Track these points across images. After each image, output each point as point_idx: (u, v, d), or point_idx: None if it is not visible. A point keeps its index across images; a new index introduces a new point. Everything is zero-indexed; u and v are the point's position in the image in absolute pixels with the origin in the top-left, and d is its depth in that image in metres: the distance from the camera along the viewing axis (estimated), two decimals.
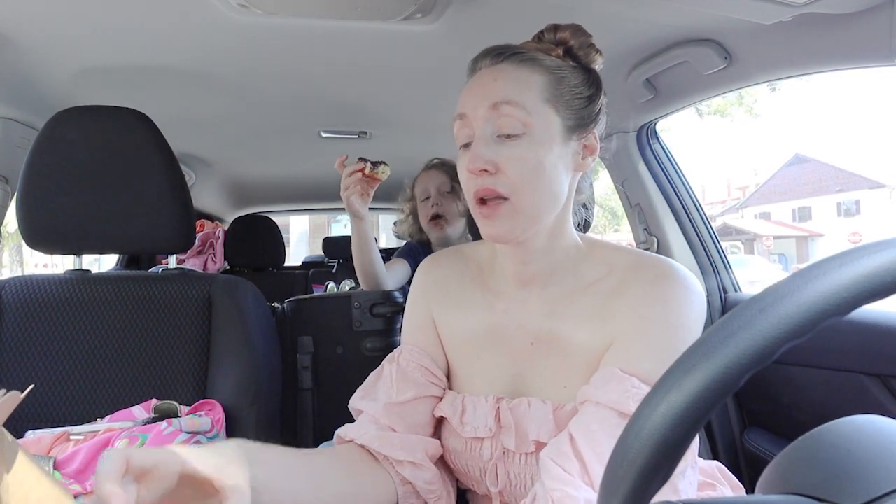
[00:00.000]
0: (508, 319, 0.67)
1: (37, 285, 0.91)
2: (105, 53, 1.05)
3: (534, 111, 0.59)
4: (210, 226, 2.47)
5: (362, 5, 0.87)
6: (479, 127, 0.60)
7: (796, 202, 23.05)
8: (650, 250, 1.40)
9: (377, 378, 0.72)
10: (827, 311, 0.24)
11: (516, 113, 0.58)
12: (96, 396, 0.87)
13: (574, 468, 0.51)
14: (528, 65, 0.61)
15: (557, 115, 0.60)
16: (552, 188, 0.60)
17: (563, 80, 0.61)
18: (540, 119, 0.59)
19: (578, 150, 0.63)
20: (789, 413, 1.14)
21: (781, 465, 0.33)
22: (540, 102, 0.59)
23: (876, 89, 49.88)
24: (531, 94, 0.59)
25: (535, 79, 0.60)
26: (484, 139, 0.60)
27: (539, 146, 0.59)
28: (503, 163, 0.58)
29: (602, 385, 0.55)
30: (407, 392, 0.68)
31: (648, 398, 0.27)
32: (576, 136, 0.62)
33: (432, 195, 1.46)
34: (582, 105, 0.62)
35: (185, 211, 0.91)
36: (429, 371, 0.70)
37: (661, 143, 1.40)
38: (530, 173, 0.58)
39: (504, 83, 0.60)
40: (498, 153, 0.58)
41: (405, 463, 0.64)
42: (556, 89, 0.60)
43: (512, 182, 0.58)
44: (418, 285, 0.77)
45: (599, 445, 0.51)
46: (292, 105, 1.41)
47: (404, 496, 0.64)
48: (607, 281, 0.63)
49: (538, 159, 0.58)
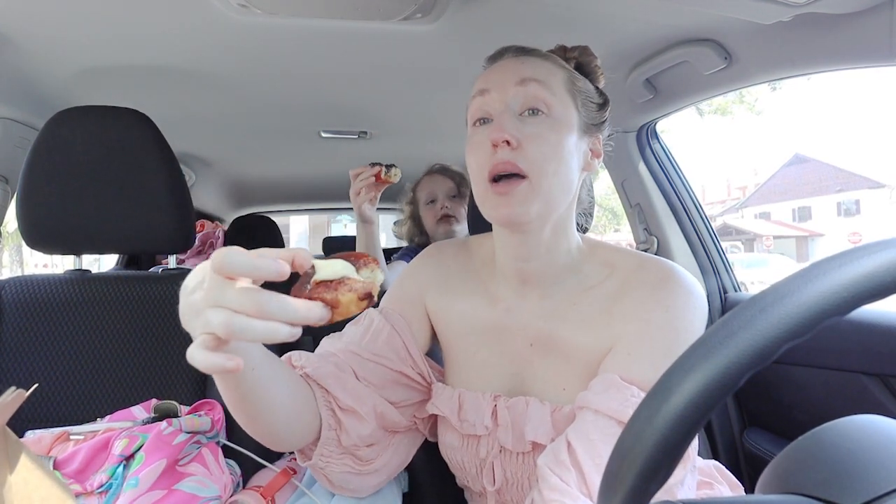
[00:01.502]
0: (509, 319, 0.67)
1: (37, 285, 0.91)
2: (105, 53, 1.05)
3: (558, 94, 0.61)
4: (210, 226, 2.47)
5: (362, 5, 0.87)
6: (505, 101, 0.61)
7: (796, 202, 23.05)
8: (650, 250, 1.40)
9: (357, 324, 0.70)
10: (827, 311, 0.24)
11: (542, 92, 0.60)
12: (96, 396, 0.87)
13: (571, 478, 0.50)
14: (551, 59, 0.64)
15: (576, 109, 0.62)
16: (568, 175, 0.60)
17: (579, 83, 0.64)
18: (562, 105, 0.61)
19: (588, 149, 0.65)
20: (789, 413, 1.14)
21: (781, 464, 0.33)
22: (563, 90, 0.62)
23: (876, 89, 49.81)
24: (556, 79, 0.62)
25: (558, 70, 0.63)
26: (509, 113, 0.60)
27: (560, 128, 0.60)
28: (525, 139, 0.58)
29: (602, 392, 0.54)
30: (377, 355, 0.66)
31: (648, 398, 0.27)
32: (588, 136, 0.64)
33: (439, 199, 1.49)
34: (594, 109, 0.65)
35: (185, 211, 0.91)
36: (407, 350, 0.69)
37: (661, 143, 1.40)
38: (551, 153, 0.59)
39: (532, 66, 0.62)
40: (521, 129, 0.59)
41: (348, 410, 0.62)
42: (575, 86, 0.63)
43: (532, 159, 0.58)
44: (417, 266, 0.76)
45: (599, 456, 0.50)
46: (292, 105, 1.41)
47: (325, 443, 0.61)
48: (609, 283, 0.63)
49: (559, 140, 0.59)
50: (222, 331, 0.36)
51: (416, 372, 0.69)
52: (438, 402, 0.69)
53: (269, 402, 0.53)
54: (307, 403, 0.60)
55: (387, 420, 0.66)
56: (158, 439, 0.69)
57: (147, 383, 0.88)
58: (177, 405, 0.78)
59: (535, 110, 0.59)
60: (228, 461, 0.78)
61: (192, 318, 0.40)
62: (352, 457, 0.64)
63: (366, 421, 0.63)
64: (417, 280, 0.74)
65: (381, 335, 0.68)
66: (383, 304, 0.74)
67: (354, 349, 0.66)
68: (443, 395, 0.69)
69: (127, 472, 0.67)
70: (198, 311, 0.38)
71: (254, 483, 0.72)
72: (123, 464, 0.68)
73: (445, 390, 0.69)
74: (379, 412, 0.65)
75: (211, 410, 0.81)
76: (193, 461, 0.72)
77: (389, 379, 0.67)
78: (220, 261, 0.37)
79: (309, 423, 0.61)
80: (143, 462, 0.67)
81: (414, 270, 0.76)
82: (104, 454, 0.69)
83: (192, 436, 0.73)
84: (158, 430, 0.70)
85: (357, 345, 0.67)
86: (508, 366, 0.67)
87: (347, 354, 0.66)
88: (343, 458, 0.64)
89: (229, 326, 0.36)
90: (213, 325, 0.37)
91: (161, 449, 0.68)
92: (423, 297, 0.73)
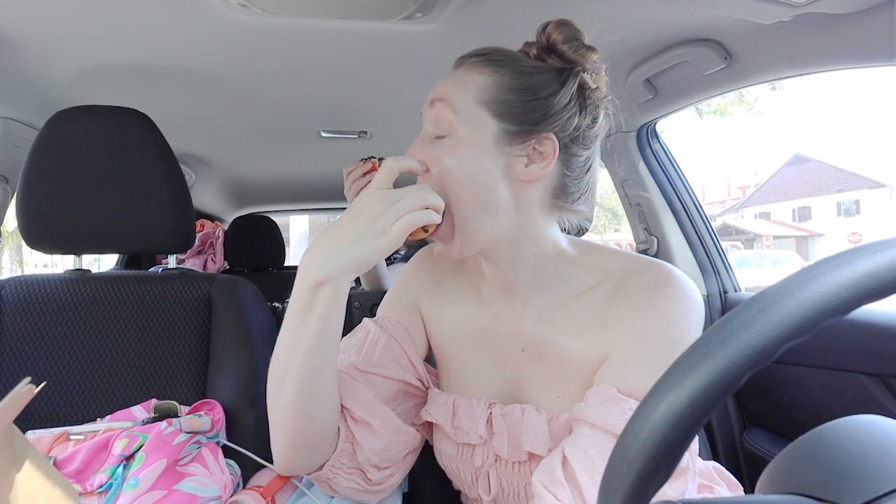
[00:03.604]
0: (500, 324, 0.66)
1: (37, 285, 0.91)
2: (105, 53, 1.05)
3: (462, 111, 0.57)
4: (210, 226, 2.47)
5: (362, 5, 0.86)
6: (424, 123, 0.60)
7: (796, 202, 23.05)
8: (650, 250, 1.40)
9: (354, 336, 0.70)
10: (827, 311, 0.24)
11: (444, 111, 0.57)
12: (96, 396, 0.87)
13: (566, 496, 0.49)
14: (475, 66, 0.59)
15: (493, 117, 0.57)
16: (481, 195, 0.57)
17: (516, 79, 0.57)
18: (467, 121, 0.57)
19: (522, 157, 0.57)
20: (789, 413, 1.14)
21: (781, 464, 0.33)
22: (473, 103, 0.57)
23: (876, 89, 49.83)
24: (464, 93, 0.57)
25: (475, 80, 0.58)
26: (422, 138, 0.60)
27: (460, 149, 0.56)
28: (430, 163, 0.58)
29: (599, 405, 0.53)
30: (378, 366, 0.66)
31: (648, 398, 0.27)
32: (518, 142, 0.57)
33: None
34: (532, 108, 0.57)
35: (185, 211, 0.91)
36: (408, 357, 0.68)
37: (661, 142, 1.40)
38: (448, 176, 0.56)
39: (447, 83, 0.60)
40: (427, 153, 0.58)
41: (361, 423, 0.62)
42: (500, 89, 0.57)
43: (435, 183, 0.57)
44: (411, 271, 0.75)
45: (596, 472, 0.49)
46: (292, 105, 1.41)
47: (339, 455, 0.62)
48: (602, 288, 0.60)
49: (458, 163, 0.56)
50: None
51: (416, 378, 0.69)
52: (432, 408, 0.68)
53: (331, 370, 0.58)
54: (339, 408, 0.61)
55: (400, 435, 0.65)
56: (158, 439, 0.69)
57: (147, 383, 0.88)
58: (177, 405, 0.78)
59: (438, 136, 0.58)
60: (228, 461, 0.78)
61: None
62: (362, 475, 0.63)
63: (378, 433, 0.62)
64: (411, 286, 0.74)
65: (378, 345, 0.67)
66: (380, 312, 0.74)
67: (354, 363, 0.66)
68: (437, 402, 0.68)
69: (127, 472, 0.67)
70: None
71: (254, 483, 0.72)
72: (123, 464, 0.68)
73: (440, 396, 0.68)
74: (393, 426, 0.64)
75: (211, 410, 0.81)
76: (193, 461, 0.72)
77: (391, 389, 0.66)
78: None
79: (335, 433, 0.62)
80: (143, 462, 0.67)
81: (407, 276, 0.75)
82: (104, 454, 0.69)
83: (192, 436, 0.73)
84: (158, 430, 0.70)
85: (356, 357, 0.66)
86: (502, 371, 0.66)
87: (349, 369, 0.65)
88: (353, 474, 0.63)
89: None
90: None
91: (161, 449, 0.68)
92: (417, 303, 0.72)
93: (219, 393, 0.86)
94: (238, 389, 0.86)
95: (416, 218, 0.53)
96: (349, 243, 0.53)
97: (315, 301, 0.54)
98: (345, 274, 0.53)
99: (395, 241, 0.53)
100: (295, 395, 0.56)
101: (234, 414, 0.84)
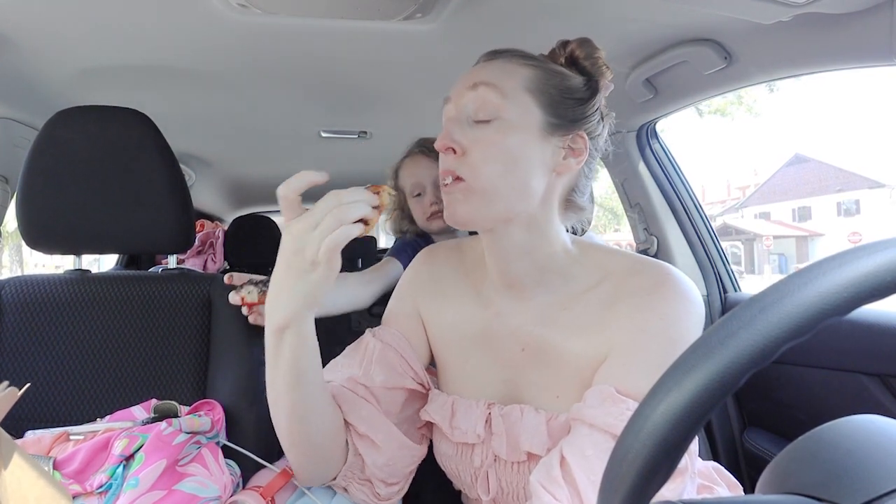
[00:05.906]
0: (499, 323, 0.66)
1: (37, 285, 0.91)
2: (105, 53, 1.05)
3: (511, 96, 0.58)
4: (210, 226, 2.47)
5: (362, 5, 0.86)
6: (458, 107, 0.60)
7: (796, 202, 23.05)
8: (650, 250, 1.40)
9: (355, 350, 0.71)
10: (827, 311, 0.24)
11: (491, 95, 0.58)
12: (96, 396, 0.87)
13: (564, 495, 0.49)
14: (518, 58, 0.61)
15: (539, 108, 0.58)
16: (520, 178, 0.58)
17: (555, 77, 0.60)
18: (515, 106, 0.58)
19: (561, 149, 0.60)
20: (789, 413, 1.15)
21: (781, 464, 0.33)
22: (520, 90, 0.58)
23: (876, 89, 49.82)
24: (512, 81, 0.59)
25: (521, 70, 0.60)
26: (458, 120, 0.60)
27: (510, 131, 0.57)
28: (470, 146, 0.58)
29: (597, 405, 0.53)
30: (377, 377, 0.66)
31: (648, 398, 0.27)
32: (559, 134, 0.59)
33: (427, 191, 1.25)
34: (573, 105, 0.60)
35: (185, 211, 0.91)
36: (406, 363, 0.69)
37: (661, 142, 1.40)
38: (494, 157, 0.57)
39: (489, 70, 0.60)
40: (467, 135, 0.58)
41: (364, 438, 0.63)
42: (544, 83, 0.59)
43: (473, 164, 0.57)
44: (410, 276, 0.76)
45: (594, 472, 0.49)
46: (292, 105, 1.41)
47: (350, 466, 0.64)
48: (602, 288, 0.60)
49: (506, 144, 0.57)
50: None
51: (417, 383, 0.69)
52: (431, 408, 0.68)
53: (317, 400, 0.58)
54: (338, 426, 0.62)
55: (405, 449, 0.66)
56: (158, 439, 0.69)
57: (147, 383, 0.88)
58: (177, 405, 0.78)
59: (483, 120, 0.58)
60: (228, 461, 0.78)
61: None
62: (371, 487, 0.65)
63: (382, 449, 0.63)
64: (411, 291, 0.74)
65: (374, 354, 0.68)
66: (382, 320, 0.75)
67: (355, 376, 0.67)
68: (436, 402, 0.68)
69: (127, 473, 0.67)
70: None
71: (254, 483, 0.72)
72: (123, 464, 0.68)
73: (440, 397, 0.68)
74: (397, 441, 0.65)
75: (211, 411, 0.81)
76: (193, 461, 0.72)
77: (394, 397, 0.67)
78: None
79: (341, 448, 0.63)
80: (143, 462, 0.67)
81: (407, 280, 0.76)
82: (104, 454, 0.69)
83: (192, 436, 0.73)
84: (158, 430, 0.70)
85: (357, 370, 0.67)
86: (501, 372, 0.66)
87: (350, 383, 0.66)
88: (363, 486, 0.65)
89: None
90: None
91: (161, 449, 0.68)
92: (417, 307, 0.73)
93: (219, 393, 0.86)
94: (238, 389, 0.86)
95: (338, 239, 0.50)
96: (294, 283, 0.52)
97: (281, 345, 0.54)
98: (302, 315, 0.53)
99: (329, 268, 0.51)
100: (287, 422, 0.58)
101: (234, 414, 0.84)
